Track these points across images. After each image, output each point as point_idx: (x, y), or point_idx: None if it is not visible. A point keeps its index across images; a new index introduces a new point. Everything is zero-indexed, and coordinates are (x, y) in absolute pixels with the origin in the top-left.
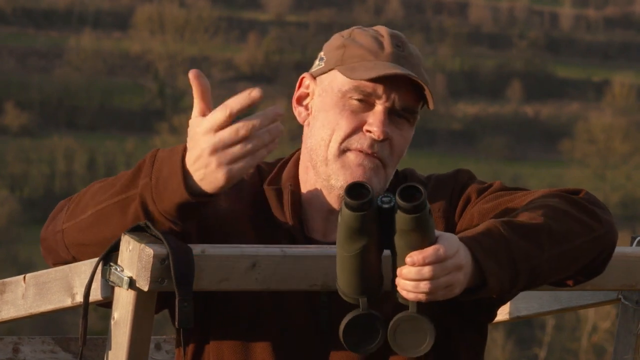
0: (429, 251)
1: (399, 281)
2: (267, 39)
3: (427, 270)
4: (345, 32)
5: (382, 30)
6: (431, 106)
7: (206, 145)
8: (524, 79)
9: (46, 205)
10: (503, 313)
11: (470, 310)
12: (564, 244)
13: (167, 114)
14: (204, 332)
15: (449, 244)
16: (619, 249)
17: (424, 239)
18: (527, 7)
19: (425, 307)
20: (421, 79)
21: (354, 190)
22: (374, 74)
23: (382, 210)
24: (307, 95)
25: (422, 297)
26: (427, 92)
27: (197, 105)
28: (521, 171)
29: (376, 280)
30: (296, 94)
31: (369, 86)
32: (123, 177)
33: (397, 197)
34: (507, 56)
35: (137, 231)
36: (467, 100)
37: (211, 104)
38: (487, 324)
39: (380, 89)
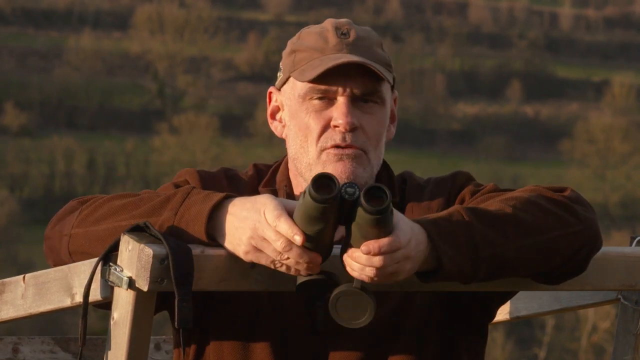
0: (384, 241)
1: (347, 259)
2: (267, 39)
3: (377, 260)
4: (295, 37)
5: (328, 23)
6: (390, 81)
7: (255, 223)
8: (524, 79)
9: (46, 205)
10: (503, 313)
11: (469, 310)
12: (534, 236)
13: (166, 114)
14: (204, 333)
15: (403, 234)
16: (618, 249)
17: (380, 234)
18: (526, 7)
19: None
20: (372, 58)
21: (320, 181)
22: (319, 70)
23: (344, 201)
24: (278, 108)
25: (365, 279)
26: (378, 72)
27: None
28: (521, 171)
29: (325, 254)
30: (269, 110)
31: (322, 83)
32: (148, 201)
33: (361, 199)
34: (506, 56)
35: (137, 231)
36: (466, 100)
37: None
38: (487, 323)
39: (334, 82)
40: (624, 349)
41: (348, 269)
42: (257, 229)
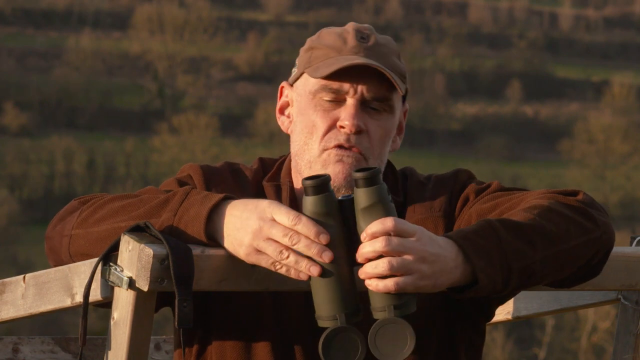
0: (380, 220)
1: (362, 271)
2: (267, 39)
3: (379, 241)
4: (315, 35)
5: (349, 26)
6: (400, 92)
7: (258, 224)
8: (524, 79)
9: (45, 205)
10: (503, 313)
11: (468, 310)
12: (558, 245)
13: (166, 114)
14: (206, 333)
15: (400, 220)
16: (618, 249)
17: (380, 212)
18: (526, 7)
19: (402, 310)
20: (388, 66)
21: (311, 177)
22: (333, 68)
23: (342, 204)
24: (288, 104)
25: (383, 286)
26: (392, 79)
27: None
28: (520, 171)
29: (350, 291)
30: (278, 104)
31: (335, 83)
32: (148, 202)
33: (353, 173)
34: (506, 56)
35: (137, 231)
36: (466, 100)
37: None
38: (485, 323)
39: (346, 83)
40: (624, 349)
41: (367, 282)
42: (261, 228)
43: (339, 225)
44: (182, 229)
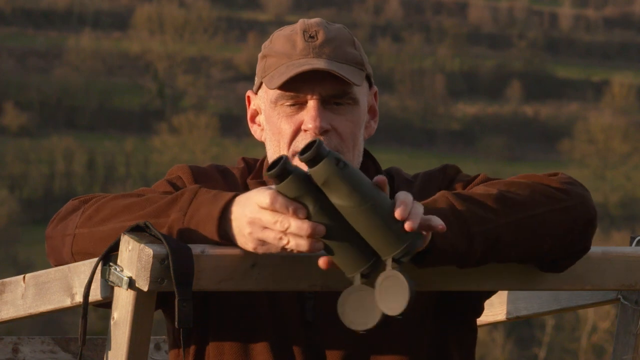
0: (406, 196)
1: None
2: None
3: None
4: (268, 39)
5: (298, 25)
6: (358, 83)
7: (250, 214)
8: (523, 79)
9: (45, 205)
10: (503, 313)
11: (459, 309)
12: (523, 212)
13: (166, 114)
14: (203, 332)
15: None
16: (618, 249)
17: (352, 189)
18: (526, 7)
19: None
20: (340, 59)
21: (271, 168)
22: (283, 78)
23: (311, 178)
24: (257, 112)
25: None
26: (343, 77)
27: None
28: (520, 171)
29: (355, 252)
30: (248, 114)
31: (290, 89)
32: (154, 202)
33: (298, 156)
34: (506, 56)
35: (137, 231)
36: (466, 100)
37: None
38: (475, 318)
39: (301, 87)
40: (624, 349)
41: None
42: (253, 220)
43: (316, 199)
44: (194, 228)
